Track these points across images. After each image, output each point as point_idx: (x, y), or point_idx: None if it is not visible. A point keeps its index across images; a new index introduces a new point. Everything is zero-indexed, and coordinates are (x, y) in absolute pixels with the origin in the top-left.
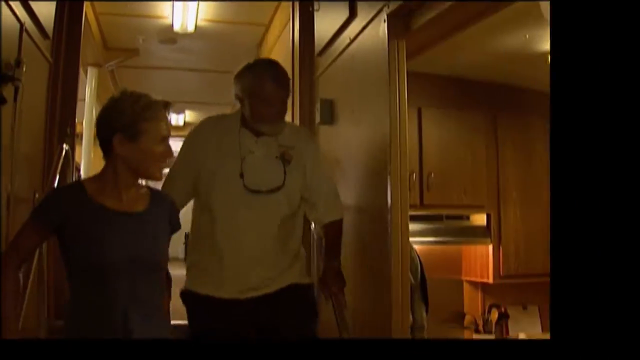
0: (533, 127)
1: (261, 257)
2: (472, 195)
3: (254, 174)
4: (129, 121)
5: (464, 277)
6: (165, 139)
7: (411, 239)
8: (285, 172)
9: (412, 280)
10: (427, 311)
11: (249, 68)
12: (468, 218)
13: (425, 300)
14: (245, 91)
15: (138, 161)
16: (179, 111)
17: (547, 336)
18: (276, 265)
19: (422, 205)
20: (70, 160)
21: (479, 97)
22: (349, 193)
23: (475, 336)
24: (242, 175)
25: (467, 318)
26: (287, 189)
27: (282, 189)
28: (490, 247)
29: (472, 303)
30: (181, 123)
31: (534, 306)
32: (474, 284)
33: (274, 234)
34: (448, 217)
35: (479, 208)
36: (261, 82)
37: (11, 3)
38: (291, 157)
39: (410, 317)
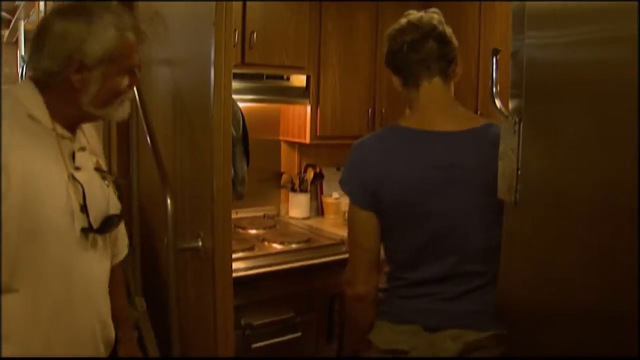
0: None
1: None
2: (293, 57)
3: (93, 204)
4: None
5: (281, 137)
6: None
7: (232, 96)
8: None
9: (234, 133)
10: (247, 164)
11: (93, 17)
12: (288, 79)
13: (246, 154)
14: (101, 54)
15: None
16: None
17: None
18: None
19: (243, 63)
20: None
21: None
22: (169, 47)
23: (291, 194)
24: (84, 209)
25: (284, 177)
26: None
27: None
28: (309, 108)
29: (289, 163)
30: None
31: None
32: (291, 144)
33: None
34: (268, 77)
35: (299, 69)
36: (127, 38)
37: None
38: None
39: (232, 169)
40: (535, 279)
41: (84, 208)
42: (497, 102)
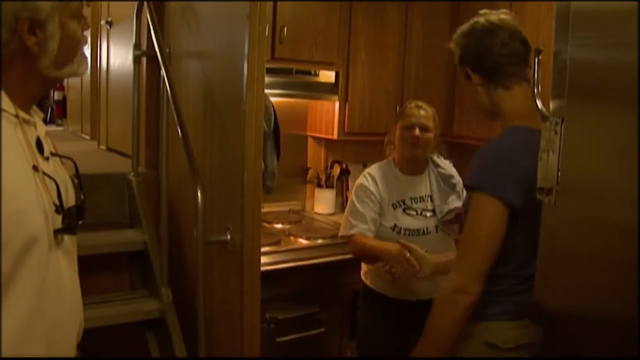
0: None
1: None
2: (322, 52)
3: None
4: None
5: (308, 133)
6: None
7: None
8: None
9: (265, 128)
10: (278, 159)
11: None
12: (317, 74)
13: (277, 148)
14: (52, 2)
15: None
16: None
17: None
18: None
19: (273, 58)
20: None
21: None
22: (200, 39)
23: (317, 190)
24: (59, 209)
25: (310, 172)
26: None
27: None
28: (337, 104)
29: (315, 158)
30: None
31: (373, 164)
32: (317, 140)
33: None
34: (297, 72)
35: (328, 65)
36: None
37: None
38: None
39: (262, 163)
40: (573, 281)
41: (59, 208)
42: (539, 102)
